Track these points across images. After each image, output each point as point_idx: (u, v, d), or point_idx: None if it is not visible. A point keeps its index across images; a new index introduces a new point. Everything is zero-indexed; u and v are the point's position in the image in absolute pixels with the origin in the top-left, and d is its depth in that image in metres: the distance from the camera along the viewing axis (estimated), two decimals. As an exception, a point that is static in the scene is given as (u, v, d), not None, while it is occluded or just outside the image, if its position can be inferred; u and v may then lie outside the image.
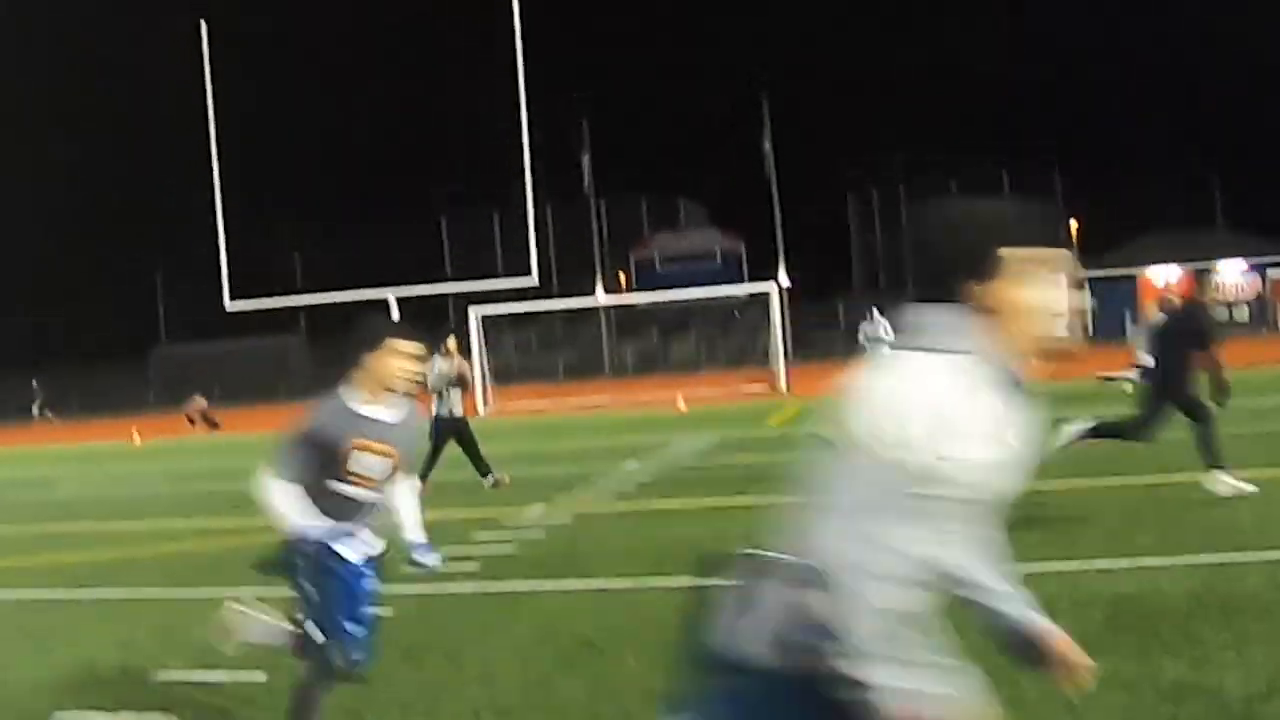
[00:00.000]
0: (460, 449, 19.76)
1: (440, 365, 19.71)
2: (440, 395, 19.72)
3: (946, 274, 3.71)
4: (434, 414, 19.65)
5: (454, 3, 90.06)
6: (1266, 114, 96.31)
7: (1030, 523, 12.48)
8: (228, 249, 35.54)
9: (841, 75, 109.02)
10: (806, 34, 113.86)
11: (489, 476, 19.58)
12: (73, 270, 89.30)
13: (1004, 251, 3.60)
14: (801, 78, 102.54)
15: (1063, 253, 3.70)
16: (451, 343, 20.15)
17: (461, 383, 19.89)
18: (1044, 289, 3.60)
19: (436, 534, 14.53)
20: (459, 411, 19.88)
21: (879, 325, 31.69)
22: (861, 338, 32.25)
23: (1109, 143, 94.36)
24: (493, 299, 47.28)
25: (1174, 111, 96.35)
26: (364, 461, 6.73)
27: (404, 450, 6.91)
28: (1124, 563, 10.57)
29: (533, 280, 35.50)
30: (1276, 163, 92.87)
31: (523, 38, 33.86)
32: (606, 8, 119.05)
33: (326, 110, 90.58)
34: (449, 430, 19.70)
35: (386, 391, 6.76)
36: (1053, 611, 8.96)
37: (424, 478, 19.55)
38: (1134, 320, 27.95)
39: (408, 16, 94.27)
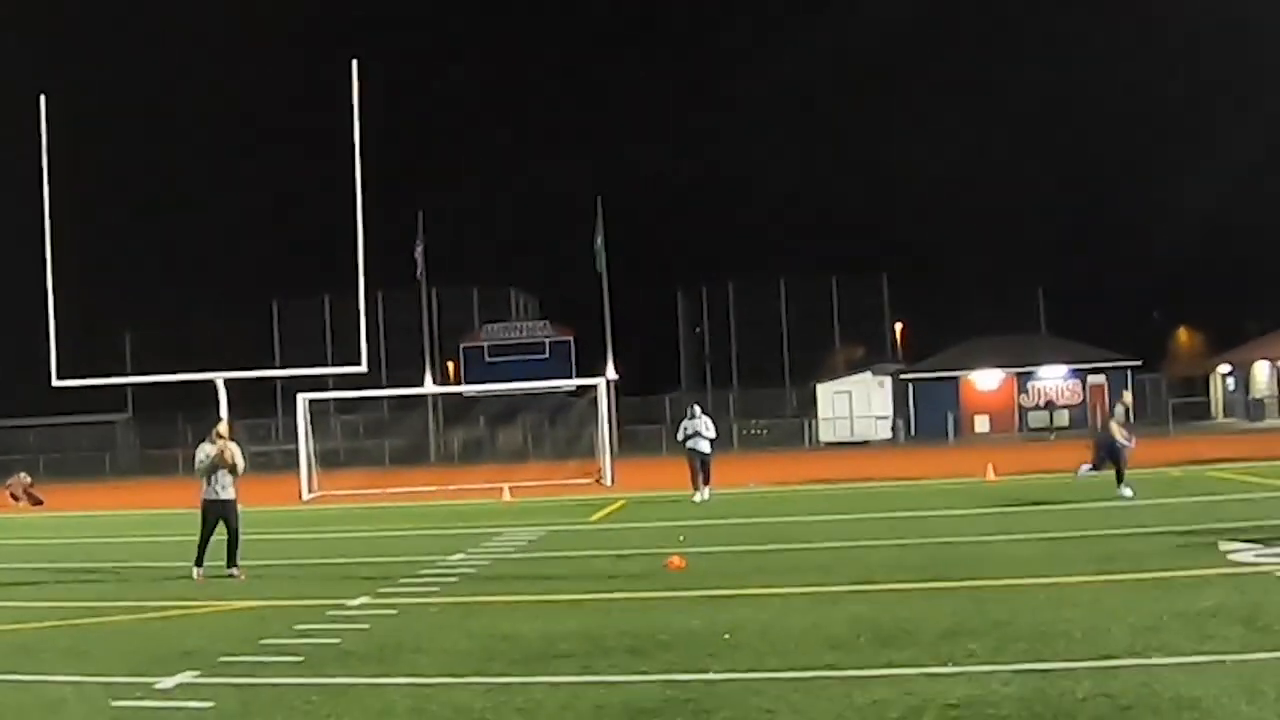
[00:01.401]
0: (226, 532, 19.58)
1: (207, 449, 19.55)
2: (208, 479, 19.52)
3: None
4: (202, 497, 19.56)
5: (292, 88, 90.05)
6: (1090, 225, 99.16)
7: (861, 625, 12.76)
8: (56, 326, 34.93)
9: (676, 176, 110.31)
10: (643, 133, 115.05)
11: (233, 569, 19.41)
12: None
13: None
14: (637, 176, 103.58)
15: None
16: (222, 428, 19.92)
17: (228, 467, 19.60)
18: None
19: (259, 623, 14.55)
20: (226, 495, 19.60)
21: (700, 422, 31.81)
22: (681, 434, 32.31)
23: (936, 248, 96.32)
24: (321, 385, 47.11)
25: (1001, 220, 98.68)
26: None
27: None
28: (955, 668, 10.69)
29: (362, 369, 35.34)
30: (1098, 272, 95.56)
31: (360, 126, 33.89)
32: (447, 100, 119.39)
33: (162, 192, 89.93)
34: (216, 512, 19.49)
35: None
36: (883, 716, 9.25)
37: (199, 563, 19.40)
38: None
39: (247, 100, 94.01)
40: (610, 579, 17.64)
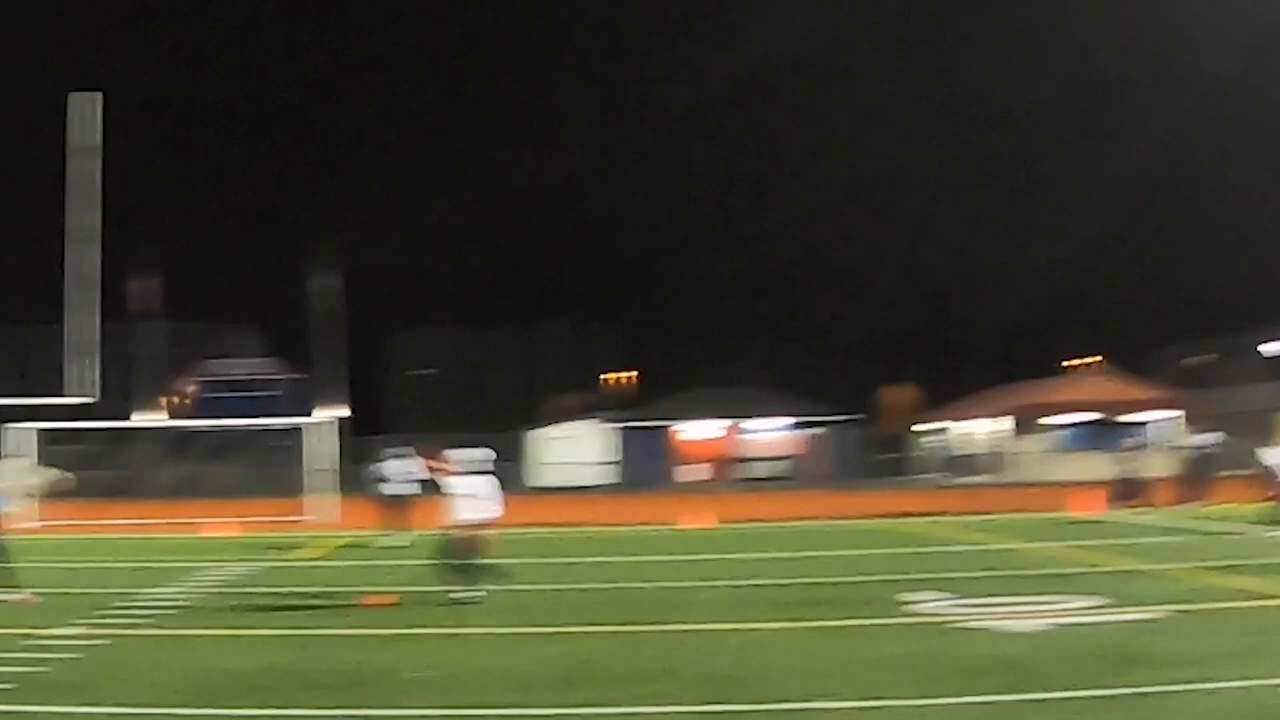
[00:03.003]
0: None
1: None
2: None
3: None
4: None
5: (26, 116, 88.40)
6: (820, 283, 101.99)
7: (548, 665, 13.65)
8: None
9: (414, 218, 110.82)
10: (374, 174, 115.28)
11: (20, 591, 19.65)
12: None
13: None
14: (375, 218, 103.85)
15: None
16: None
17: None
18: None
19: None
20: None
21: (392, 465, 30.81)
22: (375, 476, 31.51)
23: (669, 301, 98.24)
24: (37, 415, 46.51)
25: (732, 276, 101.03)
26: None
27: None
28: (631, 709, 11.45)
29: (80, 399, 35.16)
30: (824, 328, 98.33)
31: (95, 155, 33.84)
32: (181, 133, 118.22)
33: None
34: None
35: None
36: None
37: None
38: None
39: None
40: (314, 614, 18.21)
